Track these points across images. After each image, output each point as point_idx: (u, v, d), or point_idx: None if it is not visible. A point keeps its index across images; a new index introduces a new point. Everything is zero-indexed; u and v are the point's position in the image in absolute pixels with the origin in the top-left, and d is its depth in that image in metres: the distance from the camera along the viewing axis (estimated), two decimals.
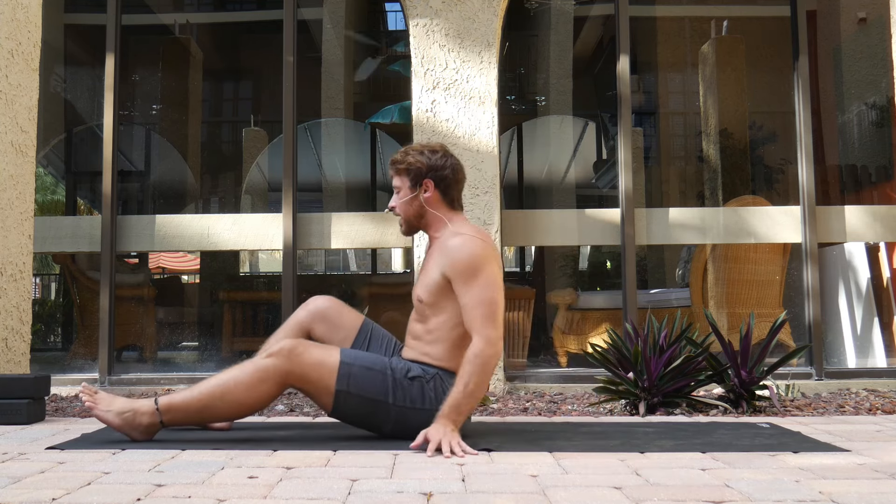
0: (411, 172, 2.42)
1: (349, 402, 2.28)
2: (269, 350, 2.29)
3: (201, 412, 2.28)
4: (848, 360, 4.46)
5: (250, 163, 7.79)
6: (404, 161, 2.43)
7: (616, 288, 5.38)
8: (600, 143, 8.20)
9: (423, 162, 2.41)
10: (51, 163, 7.66)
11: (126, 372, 4.10)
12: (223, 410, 2.28)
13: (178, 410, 2.28)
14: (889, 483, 1.74)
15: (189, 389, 2.29)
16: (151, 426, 2.30)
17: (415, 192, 2.42)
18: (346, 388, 2.27)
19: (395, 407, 2.29)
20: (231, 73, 8.51)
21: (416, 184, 2.41)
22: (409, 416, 2.30)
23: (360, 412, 2.32)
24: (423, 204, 2.42)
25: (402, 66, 6.27)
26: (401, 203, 2.44)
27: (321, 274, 12.14)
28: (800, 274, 4.14)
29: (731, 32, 5.88)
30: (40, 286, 10.28)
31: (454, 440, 2.13)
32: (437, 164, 2.41)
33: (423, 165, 2.40)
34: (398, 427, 2.32)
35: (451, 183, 2.43)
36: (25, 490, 1.68)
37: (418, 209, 2.43)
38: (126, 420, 2.28)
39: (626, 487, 1.69)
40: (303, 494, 1.62)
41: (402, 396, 2.30)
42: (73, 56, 6.75)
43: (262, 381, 2.24)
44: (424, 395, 2.31)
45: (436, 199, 2.42)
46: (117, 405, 2.30)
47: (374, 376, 2.29)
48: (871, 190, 5.55)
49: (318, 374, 2.26)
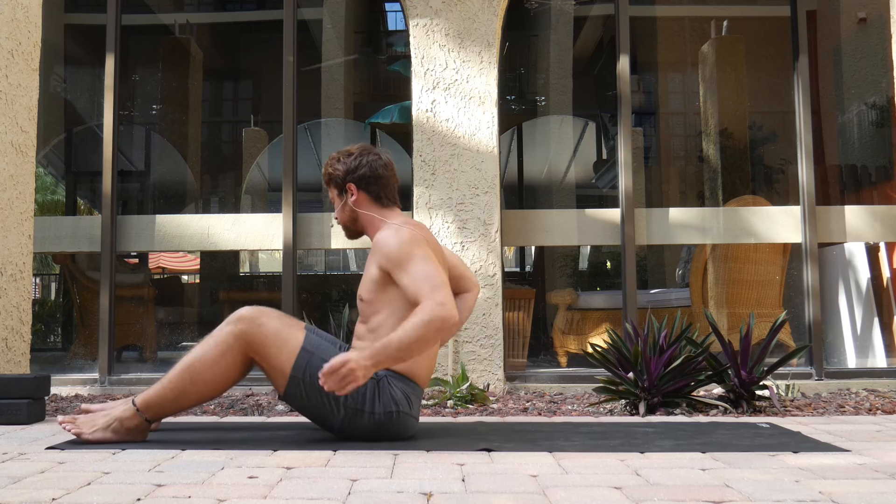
0: (334, 180, 2.46)
1: (301, 390, 2.26)
2: (229, 318, 2.28)
3: (177, 400, 2.28)
4: (848, 360, 4.46)
5: (250, 163, 7.79)
6: (326, 172, 2.48)
7: (616, 288, 5.38)
8: (600, 143, 8.20)
9: (340, 168, 2.44)
10: (51, 163, 7.66)
11: (126, 372, 4.10)
12: (198, 393, 2.27)
13: (155, 406, 2.28)
14: (889, 483, 1.74)
15: (160, 381, 2.28)
16: (140, 426, 2.30)
17: (342, 198, 2.45)
18: (301, 376, 2.25)
19: (345, 407, 2.26)
20: (231, 73, 8.51)
21: (342, 190, 2.45)
22: (357, 419, 2.27)
23: (310, 404, 2.29)
24: (353, 207, 2.44)
25: (402, 66, 6.27)
26: (337, 211, 2.48)
27: (321, 274, 12.13)
28: (800, 274, 4.14)
29: (731, 32, 5.88)
30: (40, 286, 10.28)
31: (357, 375, 2.06)
32: (352, 167, 2.42)
33: (340, 171, 2.44)
34: (348, 428, 2.29)
35: (371, 181, 2.42)
36: (25, 490, 1.68)
37: (350, 213, 2.45)
38: (115, 431, 2.29)
39: (626, 487, 1.69)
40: (303, 494, 1.62)
41: (352, 398, 2.26)
42: (73, 56, 6.75)
43: (224, 353, 2.24)
44: (373, 398, 2.27)
45: (363, 199, 2.44)
46: (100, 422, 2.30)
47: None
48: (871, 190, 5.55)
49: (277, 350, 2.25)
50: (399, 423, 2.30)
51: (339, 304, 5.88)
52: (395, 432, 2.31)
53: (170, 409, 2.30)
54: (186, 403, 2.31)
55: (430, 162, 3.90)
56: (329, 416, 2.29)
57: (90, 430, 2.29)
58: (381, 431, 2.29)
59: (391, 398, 2.27)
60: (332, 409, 2.27)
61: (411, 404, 2.32)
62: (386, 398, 2.27)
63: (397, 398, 2.28)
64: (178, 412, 2.37)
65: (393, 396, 2.28)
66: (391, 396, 2.28)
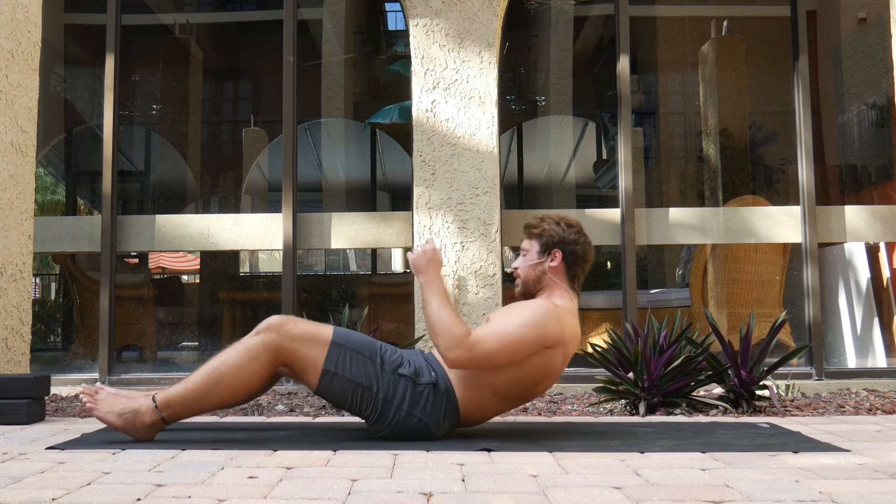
0: (543, 238, 2.45)
1: (335, 382, 2.27)
2: (258, 327, 2.29)
3: (199, 402, 2.27)
4: (848, 360, 4.46)
5: (250, 163, 7.79)
6: (539, 227, 2.46)
7: (616, 288, 5.38)
8: (600, 143, 8.20)
9: (557, 232, 2.44)
10: (51, 163, 7.66)
11: (126, 372, 4.10)
12: (220, 397, 2.28)
13: (176, 405, 2.27)
14: (889, 483, 1.74)
15: (184, 381, 2.29)
16: (154, 425, 2.29)
17: (542, 258, 2.44)
18: (334, 369, 2.26)
19: (379, 398, 2.27)
20: (231, 73, 8.51)
21: (545, 251, 2.44)
22: (390, 412, 2.28)
23: (345, 395, 2.29)
24: (546, 271, 2.43)
25: (402, 66, 6.27)
26: (525, 265, 2.46)
27: (321, 274, 12.14)
28: (800, 274, 4.14)
29: (731, 32, 5.88)
30: (40, 286, 10.28)
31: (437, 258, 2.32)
32: (570, 239, 2.44)
33: (556, 235, 2.44)
34: (380, 419, 2.30)
35: (577, 260, 2.45)
36: (25, 490, 1.68)
37: (539, 275, 2.44)
38: (127, 421, 2.28)
39: (626, 487, 1.69)
40: (303, 494, 1.62)
41: (387, 390, 2.27)
42: (73, 56, 6.75)
43: (252, 359, 2.25)
44: (409, 398, 2.27)
45: (560, 270, 2.44)
46: (118, 406, 2.29)
47: (363, 361, 2.29)
48: (871, 190, 5.55)
49: (307, 350, 2.26)
50: (421, 434, 2.30)
51: (339, 304, 5.88)
52: (414, 437, 2.31)
53: (190, 410, 2.30)
54: (207, 406, 2.30)
55: (430, 162, 3.90)
56: (364, 405, 2.29)
57: (105, 410, 2.28)
58: (404, 432, 2.29)
59: (428, 407, 2.28)
60: (368, 398, 2.27)
61: (440, 428, 2.32)
62: (422, 404, 2.28)
63: (438, 416, 2.29)
64: (196, 415, 2.36)
65: (437, 412, 2.28)
66: (430, 405, 2.28)
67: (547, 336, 2.28)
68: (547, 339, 2.28)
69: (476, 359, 2.22)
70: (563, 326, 2.31)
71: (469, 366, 2.24)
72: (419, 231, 3.85)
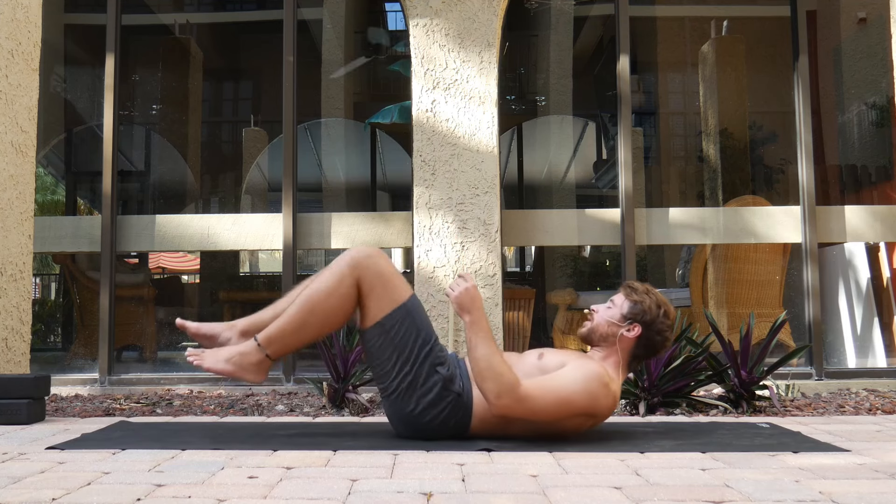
0: (636, 308, 2.37)
1: (382, 340, 2.28)
2: (343, 254, 2.31)
3: (298, 333, 2.29)
4: (848, 360, 4.46)
5: (250, 163, 7.79)
6: (640, 295, 2.39)
7: (616, 288, 5.38)
8: (600, 143, 8.20)
9: (651, 312, 2.36)
10: (51, 163, 7.66)
11: (126, 372, 4.10)
12: (317, 324, 2.28)
13: (277, 340, 2.29)
14: (889, 483, 1.74)
15: (279, 319, 2.30)
16: (261, 363, 2.30)
17: (622, 323, 2.37)
18: (389, 328, 2.26)
19: (408, 380, 2.26)
20: (231, 73, 8.52)
21: (630, 320, 2.37)
22: (410, 399, 2.27)
23: (382, 356, 2.29)
24: (618, 337, 2.36)
25: (402, 66, 6.27)
26: (604, 317, 2.39)
27: None
28: (800, 274, 4.14)
29: (731, 32, 5.88)
30: (40, 286, 10.28)
31: (473, 295, 2.22)
32: (657, 326, 2.37)
33: (649, 313, 2.36)
34: (398, 399, 2.29)
35: (649, 346, 2.39)
36: (25, 490, 1.67)
37: (609, 335, 2.38)
38: (235, 364, 2.29)
39: (626, 487, 1.69)
40: (303, 494, 1.62)
41: (419, 378, 2.26)
42: (73, 56, 6.75)
43: (339, 282, 2.26)
44: (433, 397, 2.26)
45: (629, 344, 2.37)
46: (223, 354, 2.32)
47: (416, 339, 2.28)
48: (871, 190, 5.55)
49: (380, 291, 2.27)
50: (424, 431, 2.30)
51: None
52: (414, 430, 2.32)
53: (291, 342, 2.30)
54: (306, 337, 2.31)
55: (430, 162, 3.90)
56: (390, 378, 2.29)
57: (212, 361, 2.31)
58: (409, 421, 2.29)
59: (442, 416, 2.27)
60: (396, 373, 2.27)
61: (442, 433, 2.31)
62: (440, 407, 2.27)
63: (447, 424, 2.29)
64: (297, 347, 2.36)
65: (448, 420, 2.28)
66: (446, 414, 2.27)
67: (594, 407, 2.25)
68: (592, 410, 2.25)
69: (523, 410, 2.19)
70: (609, 402, 2.27)
71: (513, 414, 2.20)
72: (419, 231, 3.85)
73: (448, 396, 2.28)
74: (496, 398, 2.16)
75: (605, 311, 2.41)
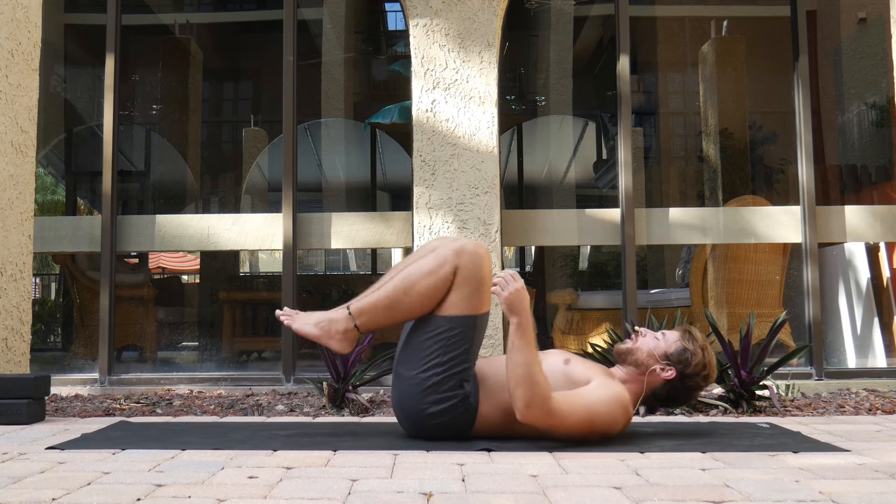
0: (683, 354, 2.32)
1: (436, 331, 2.25)
2: (448, 241, 2.29)
3: (390, 309, 2.28)
4: (848, 360, 4.46)
5: (250, 163, 7.79)
6: (692, 344, 2.34)
7: (616, 288, 5.38)
8: (600, 143, 8.20)
9: (694, 366, 2.32)
10: (51, 163, 7.66)
11: (126, 372, 4.10)
12: (409, 305, 2.27)
13: (368, 312, 2.28)
14: (889, 483, 1.74)
15: (374, 292, 2.30)
16: (348, 332, 2.30)
17: (661, 361, 2.34)
18: (450, 326, 2.24)
19: (431, 379, 2.23)
20: (231, 73, 8.51)
21: (671, 362, 2.33)
22: (422, 396, 2.25)
23: (424, 344, 2.26)
24: (649, 371, 2.34)
25: (402, 66, 6.27)
26: (647, 346, 2.35)
27: (321, 274, 12.14)
28: (800, 274, 4.14)
29: (731, 32, 5.89)
30: (40, 286, 10.28)
31: (522, 295, 2.17)
32: (691, 382, 2.33)
33: (690, 365, 2.32)
34: (410, 387, 2.27)
35: (672, 395, 2.37)
36: (25, 490, 1.68)
37: (643, 363, 2.34)
38: (323, 329, 2.30)
39: (626, 487, 1.69)
40: (303, 494, 1.62)
41: (440, 382, 2.24)
42: (73, 56, 6.75)
43: (440, 265, 2.25)
44: (444, 404, 2.25)
45: (657, 382, 2.34)
46: (314, 318, 2.33)
47: (461, 353, 2.25)
48: (871, 190, 5.55)
49: (468, 292, 2.25)
50: (426, 428, 2.30)
51: (339, 304, 5.87)
52: (418, 426, 2.31)
53: (381, 317, 2.29)
54: (398, 315, 2.30)
55: (430, 162, 3.90)
56: (416, 365, 2.26)
57: (301, 323, 2.33)
58: (417, 415, 2.28)
59: (444, 415, 2.26)
60: (428, 367, 2.24)
61: (444, 430, 2.31)
62: (446, 404, 2.26)
63: (447, 428, 2.28)
64: (386, 324, 2.34)
65: (451, 417, 2.27)
66: (450, 413, 2.26)
67: (610, 430, 2.24)
68: (608, 431, 2.25)
69: (547, 424, 2.16)
70: (622, 426, 2.27)
71: (535, 425, 2.17)
72: (419, 231, 3.85)
73: (459, 408, 2.27)
74: (526, 407, 2.12)
75: (651, 339, 2.37)
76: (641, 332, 2.40)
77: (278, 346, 4.16)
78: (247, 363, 5.33)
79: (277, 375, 3.98)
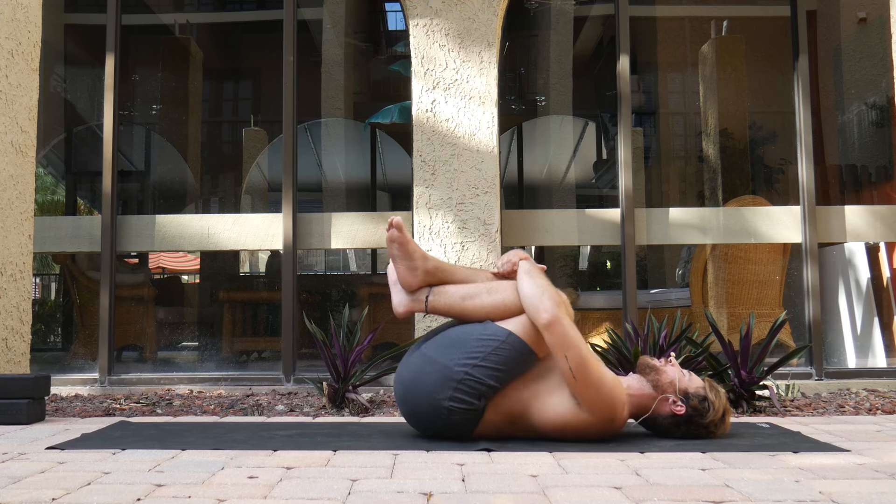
0: (701, 402, 2.32)
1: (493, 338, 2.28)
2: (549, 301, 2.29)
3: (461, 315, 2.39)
4: (848, 360, 4.46)
5: (250, 163, 7.79)
6: (713, 395, 2.33)
7: (616, 288, 5.38)
8: (600, 143, 8.20)
9: (705, 416, 2.31)
10: (51, 163, 7.66)
11: (126, 372, 4.10)
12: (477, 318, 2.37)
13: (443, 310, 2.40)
14: (889, 483, 1.74)
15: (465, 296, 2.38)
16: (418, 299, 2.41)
17: (679, 396, 2.32)
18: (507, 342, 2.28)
19: (459, 374, 2.24)
20: (231, 73, 8.52)
21: (685, 399, 2.32)
22: (443, 386, 2.25)
23: (474, 342, 2.29)
24: (662, 397, 2.33)
25: (402, 66, 6.27)
26: (672, 375, 2.35)
27: (321, 274, 12.14)
28: (800, 274, 4.14)
29: (731, 32, 5.89)
30: (40, 286, 10.28)
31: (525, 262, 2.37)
32: (694, 424, 2.33)
33: (702, 413, 2.31)
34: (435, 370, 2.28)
35: (669, 427, 2.36)
36: (25, 490, 1.68)
37: (660, 388, 2.34)
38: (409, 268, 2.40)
39: (626, 487, 1.69)
40: (303, 494, 1.62)
41: (465, 381, 2.24)
42: (73, 56, 6.75)
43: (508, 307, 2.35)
44: (460, 402, 2.24)
45: (663, 410, 2.34)
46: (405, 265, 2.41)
47: (500, 371, 2.26)
48: (871, 190, 5.55)
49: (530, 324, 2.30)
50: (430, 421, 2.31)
51: (339, 304, 5.88)
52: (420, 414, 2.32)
53: (447, 313, 2.41)
54: (462, 319, 2.40)
55: (430, 162, 3.90)
56: (453, 356, 2.28)
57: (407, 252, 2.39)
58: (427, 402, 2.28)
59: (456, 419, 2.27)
60: (464, 363, 2.26)
61: (446, 428, 2.33)
62: (460, 416, 2.26)
63: (452, 428, 2.29)
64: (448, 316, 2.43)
65: (454, 425, 2.29)
66: (457, 419, 2.27)
67: (613, 413, 2.24)
68: (611, 413, 2.23)
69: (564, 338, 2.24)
70: (620, 424, 2.28)
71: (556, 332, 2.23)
72: (419, 231, 3.85)
73: (468, 415, 2.27)
74: (555, 306, 2.25)
75: (678, 371, 2.38)
76: (672, 362, 2.41)
77: (278, 346, 4.16)
78: (247, 363, 5.34)
79: (277, 375, 3.98)
